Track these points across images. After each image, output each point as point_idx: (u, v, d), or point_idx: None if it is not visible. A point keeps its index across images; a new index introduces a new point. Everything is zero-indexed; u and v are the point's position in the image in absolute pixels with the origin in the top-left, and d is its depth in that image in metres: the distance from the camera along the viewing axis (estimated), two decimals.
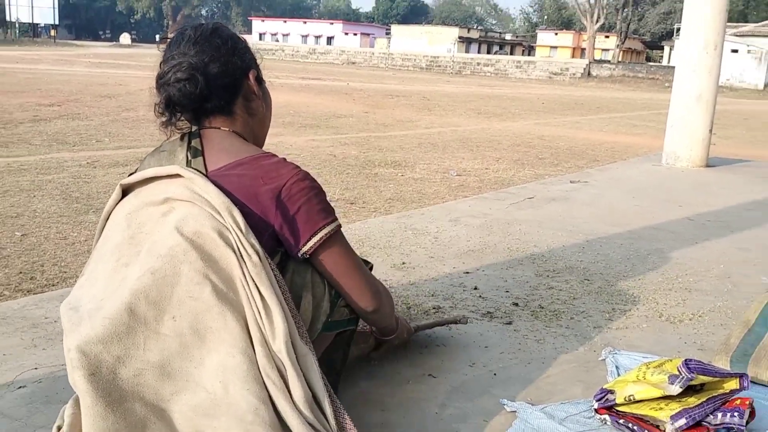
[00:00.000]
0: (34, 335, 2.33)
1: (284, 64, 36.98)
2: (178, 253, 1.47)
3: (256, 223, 1.54)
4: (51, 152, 7.58)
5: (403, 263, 3.29)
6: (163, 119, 1.65)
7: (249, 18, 73.53)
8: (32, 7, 57.12)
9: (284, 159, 1.60)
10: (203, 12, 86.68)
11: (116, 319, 1.42)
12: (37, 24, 59.62)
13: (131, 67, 25.76)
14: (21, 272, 3.64)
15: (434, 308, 2.73)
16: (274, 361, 1.47)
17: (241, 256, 1.49)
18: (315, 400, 1.49)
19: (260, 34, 67.59)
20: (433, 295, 2.88)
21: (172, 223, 1.50)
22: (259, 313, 1.47)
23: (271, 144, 1.81)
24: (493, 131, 12.29)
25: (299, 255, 1.59)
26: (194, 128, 1.68)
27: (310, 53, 50.54)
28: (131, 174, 1.67)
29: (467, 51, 55.36)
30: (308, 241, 1.57)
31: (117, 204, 1.64)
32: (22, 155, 7.28)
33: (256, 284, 1.48)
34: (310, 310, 1.62)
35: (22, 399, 1.89)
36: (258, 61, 1.75)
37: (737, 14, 53.19)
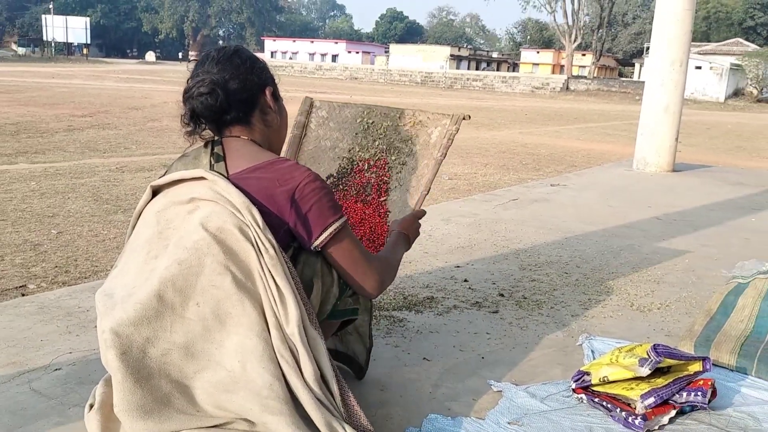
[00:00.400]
0: (69, 323, 2.33)
1: (293, 80, 36.98)
2: (203, 246, 1.48)
3: (272, 221, 1.56)
4: (83, 158, 7.58)
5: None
6: (188, 129, 1.67)
7: (262, 38, 73.41)
8: (67, 28, 57.09)
9: (297, 163, 1.62)
10: (220, 32, 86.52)
11: (146, 304, 1.44)
12: (71, 43, 59.57)
13: (156, 82, 25.75)
14: (57, 266, 3.65)
15: (428, 298, 2.73)
16: (287, 343, 1.48)
17: (259, 249, 1.50)
18: (323, 380, 1.51)
19: (272, 52, 67.51)
20: (427, 287, 2.89)
21: (197, 220, 1.52)
22: (275, 300, 1.49)
23: (281, 152, 1.82)
24: (482, 139, 12.29)
25: (312, 248, 1.61)
26: (216, 137, 1.70)
27: (317, 69, 50.49)
28: (161, 176, 1.69)
29: (458, 67, 55.33)
30: (320, 235, 1.59)
31: (147, 203, 1.66)
32: (58, 161, 7.28)
33: (272, 275, 1.50)
34: (319, 296, 1.64)
35: (57, 380, 1.90)
36: (276, 80, 1.77)
37: (701, 34, 53.19)
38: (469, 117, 2.17)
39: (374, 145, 2.22)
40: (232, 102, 1.64)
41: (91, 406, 1.53)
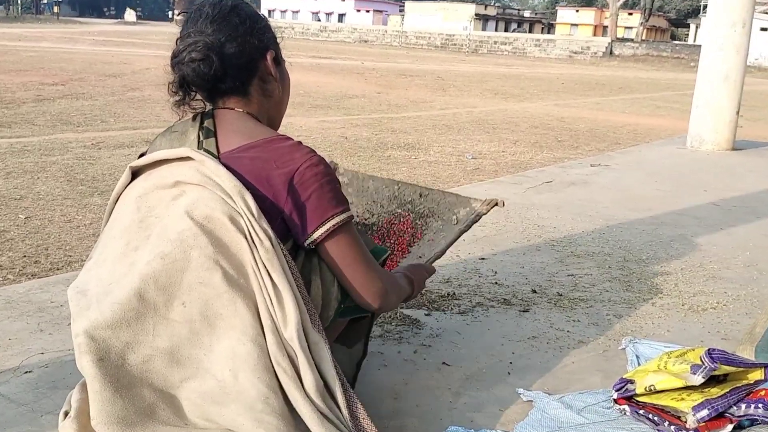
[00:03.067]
0: (40, 319, 2.36)
1: (294, 43, 36.92)
2: (188, 237, 1.48)
3: (268, 208, 1.54)
4: (55, 133, 7.62)
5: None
6: (177, 98, 1.65)
7: None
8: None
9: (299, 142, 1.60)
10: None
11: (125, 305, 1.44)
12: (40, 0, 59.71)
13: (136, 45, 25.80)
14: (25, 256, 3.68)
15: (448, 295, 2.74)
16: (285, 349, 1.48)
17: (253, 241, 1.49)
18: (327, 389, 1.51)
19: (269, 11, 67.41)
20: (447, 282, 2.89)
21: (183, 207, 1.51)
22: (271, 300, 1.48)
23: (280, 126, 1.82)
24: (511, 112, 12.24)
25: (305, 244, 1.59)
26: (208, 108, 1.68)
27: (321, 31, 50.39)
28: (141, 156, 1.67)
29: (484, 29, 55.04)
30: (316, 229, 1.56)
31: (126, 187, 1.65)
32: (26, 136, 7.32)
33: (267, 270, 1.49)
34: (321, 295, 1.62)
35: (28, 384, 1.92)
36: (278, 41, 1.75)
37: None
38: (503, 204, 2.33)
39: (394, 210, 2.46)
40: (229, 69, 1.62)
41: (66, 414, 1.54)
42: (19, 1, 57.65)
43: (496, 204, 2.29)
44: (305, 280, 1.60)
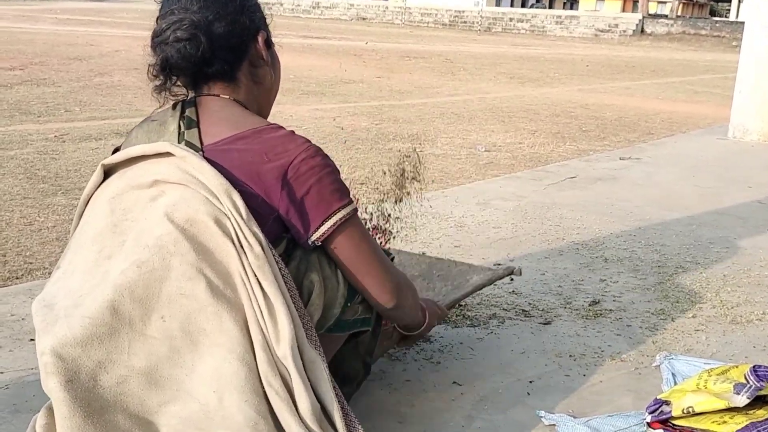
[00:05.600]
0: (0, 335, 2.37)
1: (283, 21, 36.91)
2: (168, 243, 1.48)
3: (259, 206, 1.55)
4: (12, 124, 7.62)
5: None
6: (157, 83, 1.66)
7: None
8: None
9: (292, 132, 1.61)
10: None
11: (97, 319, 1.44)
12: None
13: (104, 24, 25.80)
14: None
15: (460, 305, 2.74)
16: (277, 368, 1.48)
17: (242, 246, 1.50)
18: (324, 412, 1.51)
19: None
20: None
21: (162, 209, 1.51)
22: (262, 312, 1.49)
23: (269, 115, 1.83)
24: (529, 99, 12.24)
25: (309, 243, 1.60)
26: (190, 95, 1.69)
27: (314, 7, 50.34)
28: (115, 151, 1.68)
29: (498, 4, 55.02)
30: (320, 226, 1.58)
31: (98, 187, 1.65)
32: None
33: (258, 279, 1.49)
34: (323, 295, 1.64)
35: None
36: (267, 20, 1.77)
37: None
38: (521, 272, 2.44)
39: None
40: (217, 51, 1.63)
41: None
42: None
43: (513, 273, 2.41)
44: (304, 284, 1.61)
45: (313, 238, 1.59)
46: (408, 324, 1.99)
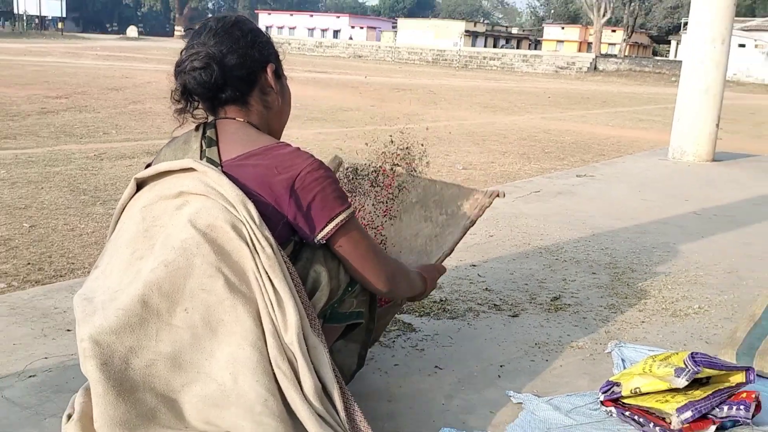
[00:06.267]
0: (44, 325, 2.34)
1: (291, 57, 36.65)
2: (191, 246, 1.48)
3: (270, 213, 1.56)
4: (58, 144, 7.60)
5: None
6: (179, 106, 1.67)
7: (255, 11, 73.36)
8: (40, 0, 57.14)
9: (299, 149, 1.62)
10: (210, 5, 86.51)
11: (129, 310, 1.44)
12: (45, 17, 59.53)
13: (138, 60, 25.77)
14: (29, 263, 3.66)
15: (440, 301, 2.73)
16: (285, 353, 1.48)
17: (255, 248, 1.50)
18: (325, 392, 1.51)
19: (267, 27, 67.45)
20: (439, 288, 2.89)
21: (186, 217, 1.52)
22: (272, 305, 1.49)
23: (281, 136, 1.83)
24: (500, 125, 12.27)
25: (315, 241, 1.62)
26: (210, 119, 1.70)
27: (317, 46, 50.45)
28: (147, 167, 1.68)
29: (473, 45, 55.23)
30: (325, 227, 1.60)
31: (131, 198, 1.66)
32: (30, 147, 7.30)
33: (269, 276, 1.49)
34: (329, 283, 1.64)
35: (32, 388, 1.91)
36: (280, 56, 1.77)
37: (745, 9, 52.89)
38: (504, 195, 2.29)
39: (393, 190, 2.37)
40: (229, 79, 1.64)
41: (69, 417, 1.54)
42: (24, 17, 57.48)
43: (498, 195, 2.25)
44: (311, 272, 1.62)
45: (319, 237, 1.60)
46: (407, 297, 1.99)
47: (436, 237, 2.26)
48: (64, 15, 61.10)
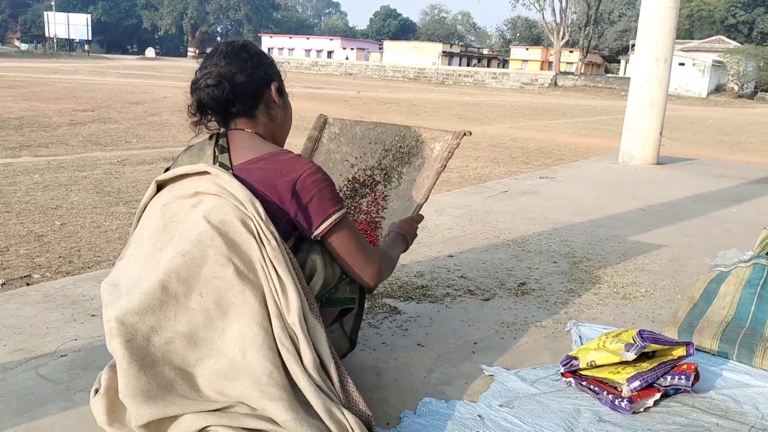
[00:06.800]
0: (74, 311, 2.33)
1: (290, 75, 36.32)
2: (206, 238, 1.48)
3: (274, 211, 1.56)
4: (86, 152, 7.54)
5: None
6: (195, 119, 1.69)
7: (259, 34, 72.88)
8: (68, 24, 56.56)
9: (299, 155, 1.63)
10: (219, 29, 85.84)
11: (151, 294, 1.44)
12: (73, 39, 58.93)
13: (155, 78, 25.58)
14: (60, 256, 3.64)
15: (422, 287, 2.74)
16: (287, 331, 1.49)
17: (261, 241, 1.51)
18: (322, 366, 1.51)
19: (269, 49, 67.06)
20: (421, 276, 2.89)
21: (201, 213, 1.52)
22: (276, 290, 1.49)
23: (284, 145, 1.83)
24: (473, 134, 12.28)
25: (312, 237, 1.62)
26: (222, 130, 1.70)
27: (313, 65, 50.24)
28: (165, 171, 1.69)
29: (450, 64, 55.19)
30: (320, 224, 1.60)
31: (152, 198, 1.66)
32: (61, 154, 7.24)
33: (273, 265, 1.50)
34: (324, 272, 1.64)
35: (63, 366, 1.90)
36: (282, 76, 1.78)
37: (684, 32, 53.19)
38: (470, 133, 2.22)
39: (378, 160, 2.29)
40: (238, 94, 1.65)
41: (97, 391, 1.54)
42: (54, 40, 56.89)
43: (465, 134, 2.18)
44: (308, 261, 1.62)
45: (315, 233, 1.61)
46: None
47: (414, 181, 2.20)
48: (90, 38, 60.49)
